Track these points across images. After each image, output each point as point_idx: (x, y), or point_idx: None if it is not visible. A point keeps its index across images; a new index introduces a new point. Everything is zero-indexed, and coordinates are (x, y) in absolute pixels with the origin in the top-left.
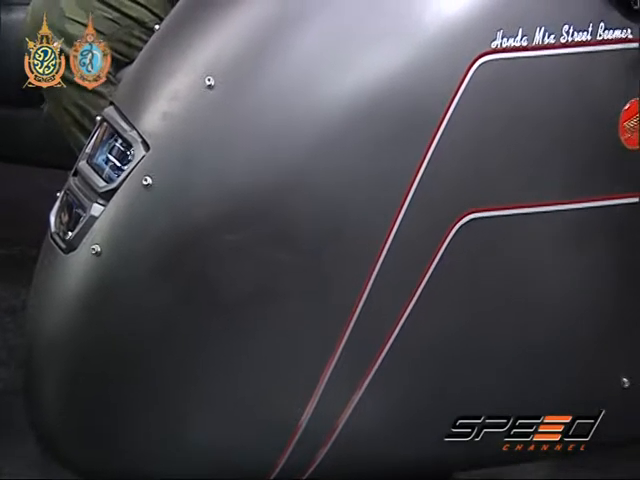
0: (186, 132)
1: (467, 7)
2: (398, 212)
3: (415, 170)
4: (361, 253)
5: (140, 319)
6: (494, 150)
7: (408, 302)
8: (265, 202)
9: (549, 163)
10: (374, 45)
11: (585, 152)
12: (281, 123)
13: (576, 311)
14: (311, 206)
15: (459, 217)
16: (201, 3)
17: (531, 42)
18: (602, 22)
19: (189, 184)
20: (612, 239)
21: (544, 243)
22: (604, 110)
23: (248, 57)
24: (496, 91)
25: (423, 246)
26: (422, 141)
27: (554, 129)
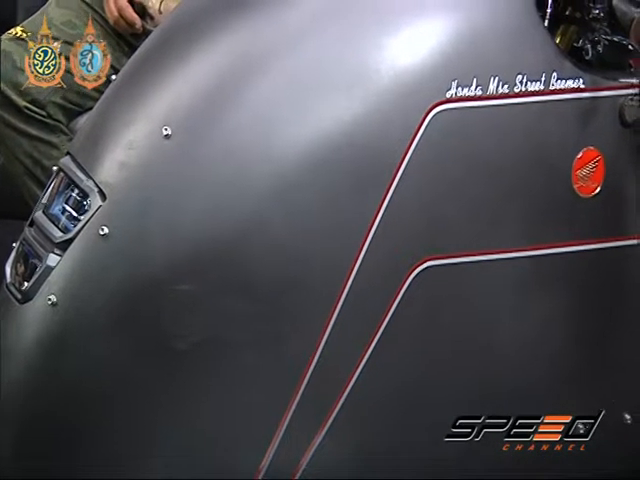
0: (143, 181)
1: (422, 57)
2: (355, 260)
3: (371, 219)
4: (318, 301)
5: (95, 369)
6: (450, 198)
7: (366, 349)
8: (221, 251)
9: (504, 211)
10: (330, 95)
11: (540, 200)
12: (237, 172)
13: (533, 357)
14: (267, 255)
15: (415, 265)
16: (157, 54)
17: (485, 92)
18: (555, 72)
19: (145, 234)
20: (567, 285)
21: (499, 290)
22: (558, 158)
23: (204, 107)
24: (451, 140)
25: (380, 294)
26: (378, 190)
27: (509, 177)
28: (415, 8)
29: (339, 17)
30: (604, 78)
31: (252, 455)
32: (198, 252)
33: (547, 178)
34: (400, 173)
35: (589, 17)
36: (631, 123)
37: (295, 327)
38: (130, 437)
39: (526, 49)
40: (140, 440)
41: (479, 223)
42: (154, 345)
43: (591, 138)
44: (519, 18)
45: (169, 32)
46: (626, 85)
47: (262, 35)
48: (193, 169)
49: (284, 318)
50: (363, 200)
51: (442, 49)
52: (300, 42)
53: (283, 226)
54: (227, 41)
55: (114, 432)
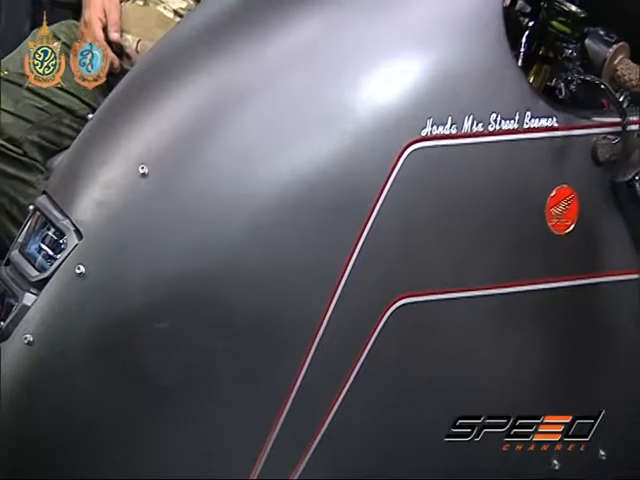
0: (119, 220)
1: (398, 96)
2: (332, 297)
3: (348, 256)
4: (296, 338)
5: (72, 408)
6: (425, 236)
7: (343, 385)
8: (198, 289)
9: (479, 248)
10: (307, 133)
11: (514, 238)
12: (214, 210)
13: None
14: (244, 293)
15: (391, 302)
16: (133, 92)
17: (460, 130)
18: (528, 111)
19: (122, 272)
20: (542, 322)
21: (475, 327)
22: (532, 196)
23: (181, 145)
24: (427, 178)
25: (357, 330)
26: (355, 228)
27: (484, 215)
28: (390, 48)
29: (315, 56)
30: (577, 117)
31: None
32: (174, 289)
33: (522, 216)
34: (376, 211)
35: (562, 57)
36: (604, 161)
37: (272, 363)
38: (108, 474)
39: (500, 88)
40: (117, 476)
41: (454, 260)
42: (132, 383)
43: (565, 176)
44: (493, 57)
45: (145, 71)
46: (599, 124)
47: (239, 74)
48: (169, 207)
49: (261, 355)
50: (339, 237)
51: (417, 88)
52: (277, 81)
53: (260, 263)
54: (203, 80)
55: (93, 469)
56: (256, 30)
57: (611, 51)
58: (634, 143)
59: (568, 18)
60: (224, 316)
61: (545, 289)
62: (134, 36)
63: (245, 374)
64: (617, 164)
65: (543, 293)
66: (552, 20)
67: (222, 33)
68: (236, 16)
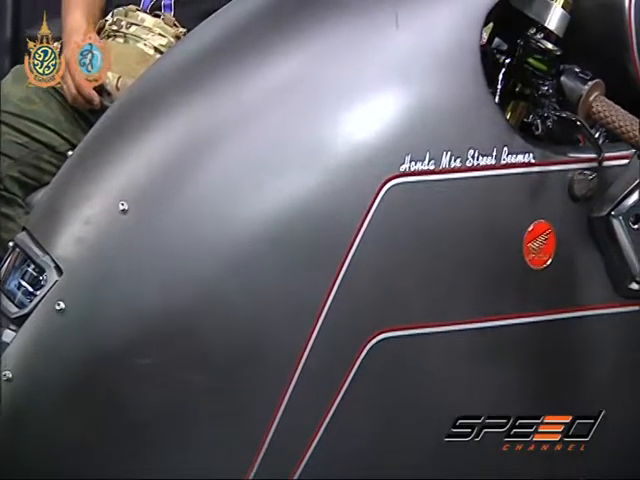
0: (99, 256)
1: (376, 132)
2: (311, 332)
3: (327, 291)
4: (275, 374)
5: (52, 444)
6: (404, 271)
7: (322, 421)
8: (177, 325)
9: (458, 283)
10: (285, 169)
11: (492, 272)
12: (194, 246)
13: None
14: (224, 329)
15: (370, 337)
16: (113, 129)
17: (438, 166)
18: (506, 147)
19: (102, 308)
20: (520, 356)
21: (454, 360)
22: (509, 231)
23: (161, 181)
24: (405, 213)
25: (336, 365)
26: (333, 263)
27: (462, 250)
28: (368, 84)
29: (294, 93)
30: (554, 153)
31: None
32: (154, 326)
33: (499, 250)
34: (355, 246)
35: (538, 93)
36: (580, 196)
37: (252, 399)
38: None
39: (478, 124)
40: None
41: (433, 295)
42: (112, 419)
43: (542, 211)
44: (471, 94)
45: (124, 108)
46: (575, 160)
47: (217, 110)
48: (149, 243)
49: (241, 391)
50: (318, 273)
51: (395, 124)
52: (255, 117)
53: (239, 299)
54: (182, 117)
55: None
56: (235, 66)
57: (586, 88)
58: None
59: (544, 56)
60: (204, 352)
61: (523, 323)
62: (114, 73)
63: (224, 411)
64: (593, 199)
65: (521, 327)
66: (528, 57)
67: (201, 70)
68: (215, 53)
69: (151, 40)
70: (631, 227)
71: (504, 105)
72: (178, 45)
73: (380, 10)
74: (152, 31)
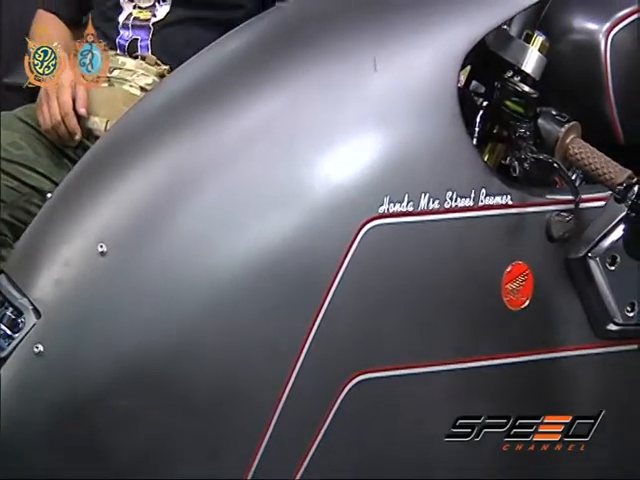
0: (78, 299)
1: (355, 174)
2: (290, 373)
3: (306, 332)
4: (254, 415)
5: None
6: (383, 312)
7: (302, 461)
8: (156, 368)
9: (437, 324)
10: (265, 211)
11: (471, 313)
12: (173, 288)
13: (466, 468)
14: (203, 370)
15: (349, 378)
16: (93, 170)
17: (417, 207)
18: (484, 189)
19: (81, 350)
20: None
21: (433, 401)
22: (488, 272)
23: (140, 224)
24: (384, 255)
25: (315, 406)
26: (313, 304)
27: (441, 291)
28: (347, 126)
29: (274, 135)
30: (531, 194)
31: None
32: (133, 368)
33: (478, 292)
34: (334, 287)
35: (516, 136)
36: (558, 238)
37: (232, 441)
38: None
39: (456, 166)
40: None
41: (412, 336)
42: (91, 461)
43: (520, 252)
44: (449, 136)
45: (104, 150)
46: (552, 201)
47: (197, 153)
48: (128, 286)
49: (220, 432)
50: (297, 314)
51: (374, 166)
52: (235, 159)
53: (219, 341)
54: (163, 158)
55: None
56: (215, 108)
57: (563, 130)
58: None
59: (521, 98)
60: (184, 394)
61: (502, 364)
62: (102, 117)
63: (205, 452)
64: (571, 241)
65: (500, 368)
66: (506, 100)
67: (181, 112)
68: (195, 95)
69: (136, 80)
70: (608, 268)
71: (482, 147)
72: (159, 87)
73: (359, 53)
74: (135, 72)
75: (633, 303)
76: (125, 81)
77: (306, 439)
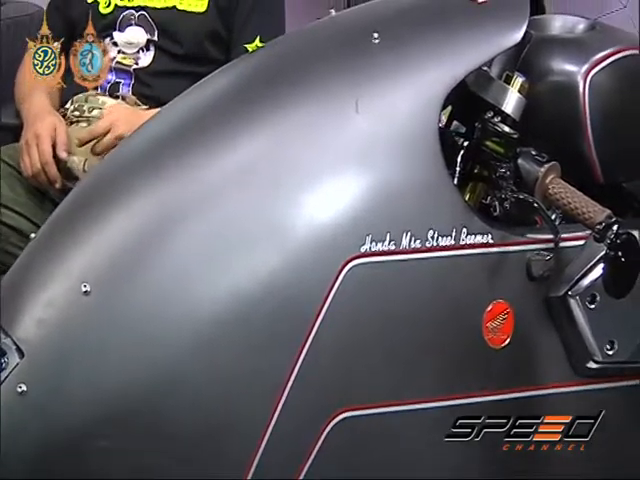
0: (61, 338)
1: (337, 213)
2: (273, 411)
3: (289, 371)
4: (239, 450)
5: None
6: (366, 351)
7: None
8: (139, 407)
9: (419, 362)
10: (247, 251)
11: (453, 351)
12: (156, 326)
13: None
14: (186, 409)
15: (332, 416)
16: (77, 210)
17: (398, 246)
18: (464, 228)
19: (64, 390)
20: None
21: (415, 439)
22: (469, 311)
23: (123, 263)
24: (366, 294)
25: (298, 444)
26: (296, 343)
27: (423, 329)
28: (329, 166)
29: (256, 174)
30: (511, 233)
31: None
32: (118, 408)
33: (459, 330)
34: (317, 325)
35: (496, 175)
36: (538, 277)
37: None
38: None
39: (437, 206)
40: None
41: (394, 374)
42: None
43: (500, 291)
44: (430, 176)
45: (87, 190)
46: (532, 240)
47: (180, 193)
48: (112, 325)
49: (205, 469)
50: (281, 352)
51: (356, 205)
52: (218, 199)
53: (202, 378)
54: (146, 197)
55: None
56: (198, 148)
57: (543, 170)
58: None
59: (501, 139)
60: (167, 432)
61: (483, 402)
62: (80, 157)
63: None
64: (551, 279)
65: (482, 406)
66: (486, 140)
67: (165, 152)
68: (178, 135)
69: None
70: (588, 307)
71: (463, 187)
72: (142, 127)
73: (341, 94)
74: None
75: (613, 341)
76: None
77: (290, 475)
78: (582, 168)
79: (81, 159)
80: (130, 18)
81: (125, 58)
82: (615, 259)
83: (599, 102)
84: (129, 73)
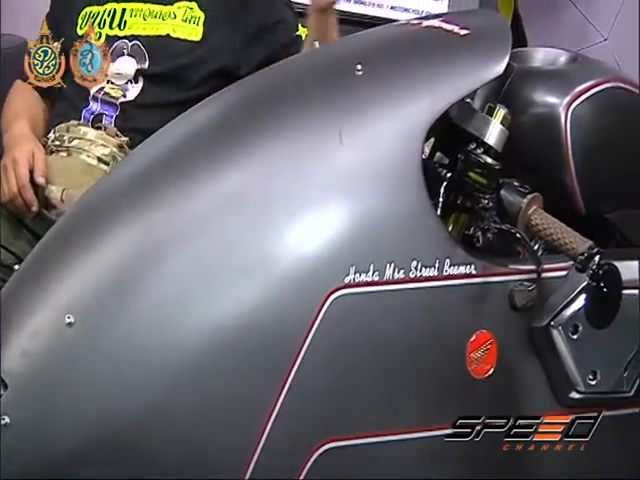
0: (45, 370)
1: (321, 244)
2: (258, 441)
3: (273, 401)
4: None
5: None
6: (349, 381)
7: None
8: (123, 437)
9: (403, 393)
10: (231, 281)
11: (437, 382)
12: (141, 357)
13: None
14: (170, 440)
15: (316, 447)
16: (61, 242)
17: (382, 277)
18: (448, 259)
19: (48, 422)
20: (466, 464)
21: (400, 470)
22: (452, 341)
23: (108, 294)
24: (350, 324)
25: (283, 474)
26: (280, 373)
27: (406, 360)
28: (313, 197)
29: (240, 206)
30: (494, 264)
31: None
32: (100, 438)
33: (443, 360)
34: (301, 357)
35: (479, 206)
36: (521, 307)
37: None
38: None
39: (420, 237)
40: None
41: (379, 405)
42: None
43: (483, 321)
44: (413, 207)
45: (72, 220)
46: (515, 271)
47: (165, 222)
48: (96, 356)
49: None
50: (265, 382)
51: (340, 236)
52: (202, 230)
53: (186, 409)
54: (130, 229)
55: None
56: (183, 179)
57: (525, 201)
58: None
59: (484, 170)
60: (150, 463)
61: (468, 432)
62: (58, 186)
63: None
64: (534, 310)
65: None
66: (469, 171)
67: (149, 183)
68: (163, 166)
69: (94, 151)
70: (570, 337)
71: (446, 217)
72: (128, 158)
73: (325, 125)
74: (95, 142)
75: (595, 372)
76: (83, 151)
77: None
78: (564, 199)
79: (59, 188)
80: (123, 48)
81: (113, 89)
82: (597, 290)
83: (581, 134)
84: (115, 105)
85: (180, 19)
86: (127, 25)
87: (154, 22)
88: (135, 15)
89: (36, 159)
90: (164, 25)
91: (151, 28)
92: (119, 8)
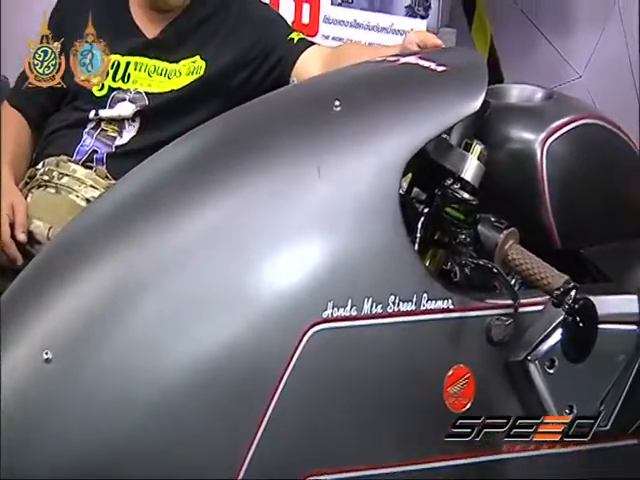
0: (23, 406)
1: (300, 279)
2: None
3: (252, 436)
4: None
5: None
6: (328, 415)
7: None
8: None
9: (381, 426)
10: (210, 316)
11: (415, 416)
12: (118, 394)
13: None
14: (151, 472)
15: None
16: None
17: (360, 312)
18: (425, 293)
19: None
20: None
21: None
22: (430, 376)
23: (86, 330)
24: (328, 359)
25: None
26: (258, 408)
27: (385, 394)
28: (291, 232)
29: (218, 241)
30: (472, 299)
31: None
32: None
33: (421, 395)
34: (279, 391)
35: (456, 241)
36: (498, 341)
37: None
38: None
39: (398, 271)
40: None
41: (357, 439)
42: None
43: (461, 356)
44: (391, 242)
45: (52, 256)
46: (492, 305)
47: (143, 259)
48: (74, 392)
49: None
50: (244, 418)
51: (318, 271)
52: (180, 266)
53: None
54: (108, 265)
55: None
56: (160, 215)
57: (502, 237)
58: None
59: (461, 205)
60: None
61: (445, 467)
62: (45, 223)
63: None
64: (511, 344)
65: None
66: (446, 207)
67: (127, 220)
68: (140, 202)
69: (83, 192)
70: (547, 371)
71: (424, 252)
72: (107, 194)
73: (304, 161)
74: (84, 183)
75: (572, 406)
76: (72, 190)
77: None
78: (540, 234)
79: (46, 225)
80: (123, 97)
81: (109, 125)
82: (573, 324)
83: (557, 169)
84: (108, 146)
85: (184, 74)
86: (131, 79)
87: (159, 79)
88: (140, 69)
89: (16, 212)
90: (169, 83)
91: (156, 85)
92: (123, 61)
